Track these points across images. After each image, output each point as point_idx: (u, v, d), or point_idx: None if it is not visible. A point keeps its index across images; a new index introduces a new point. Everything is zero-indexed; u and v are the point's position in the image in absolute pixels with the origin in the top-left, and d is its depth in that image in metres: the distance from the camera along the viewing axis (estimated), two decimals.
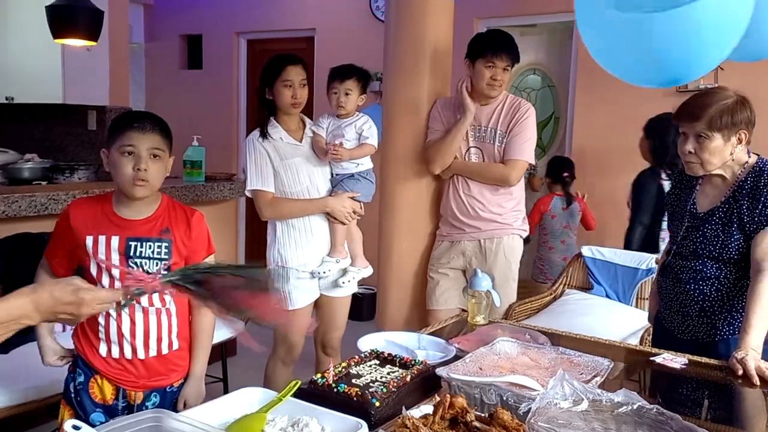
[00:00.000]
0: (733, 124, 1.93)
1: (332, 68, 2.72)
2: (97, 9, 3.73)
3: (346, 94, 2.65)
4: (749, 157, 2.01)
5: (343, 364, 1.55)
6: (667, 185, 3.33)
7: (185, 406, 1.84)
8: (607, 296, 3.15)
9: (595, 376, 1.50)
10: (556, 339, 2.00)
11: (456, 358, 1.69)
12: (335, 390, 1.40)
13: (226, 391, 2.92)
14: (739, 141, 1.96)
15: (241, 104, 5.87)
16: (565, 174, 4.01)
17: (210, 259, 1.94)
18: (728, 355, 1.84)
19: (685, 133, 1.98)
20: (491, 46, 2.75)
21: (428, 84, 3.01)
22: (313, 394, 1.41)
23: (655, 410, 1.15)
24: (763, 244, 1.90)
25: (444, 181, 2.99)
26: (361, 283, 2.88)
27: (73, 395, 1.82)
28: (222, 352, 3.05)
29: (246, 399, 1.40)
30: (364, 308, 4.58)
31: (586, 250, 3.28)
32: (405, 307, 3.11)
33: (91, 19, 3.70)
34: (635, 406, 1.16)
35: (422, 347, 1.85)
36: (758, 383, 1.67)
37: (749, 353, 1.74)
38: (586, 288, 3.24)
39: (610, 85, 3.96)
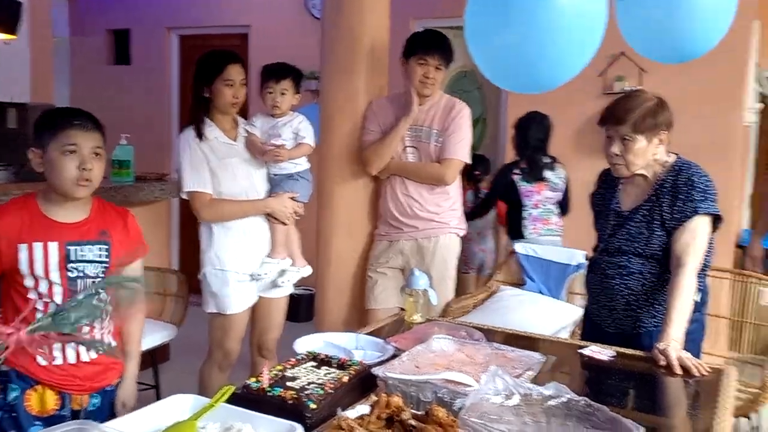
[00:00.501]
0: (655, 126, 2.01)
1: (266, 67, 2.69)
2: (14, 0, 3.56)
3: (282, 93, 2.62)
4: (669, 156, 2.10)
5: (279, 367, 1.53)
6: (518, 179, 3.64)
7: (124, 407, 1.84)
8: (540, 292, 3.23)
9: (527, 370, 1.54)
10: (491, 335, 2.03)
11: (393, 357, 1.69)
12: (270, 394, 1.38)
13: (158, 399, 2.83)
14: (660, 142, 2.05)
15: (173, 102, 5.72)
16: (477, 172, 4.23)
17: (139, 264, 1.90)
18: (652, 346, 1.93)
19: (611, 136, 2.05)
20: (424, 45, 2.78)
21: (365, 83, 3.01)
22: (247, 398, 1.38)
23: (583, 402, 1.18)
24: (682, 240, 1.99)
25: (382, 180, 2.99)
26: (299, 283, 2.86)
27: (1, 415, 1.72)
28: (152, 359, 2.96)
29: (177, 406, 1.36)
30: (302, 309, 4.54)
31: (519, 247, 3.36)
32: (344, 307, 3.10)
33: (7, 11, 3.52)
34: (565, 399, 1.20)
35: (360, 347, 1.85)
36: (680, 372, 1.75)
37: (671, 344, 1.82)
38: (520, 284, 3.31)
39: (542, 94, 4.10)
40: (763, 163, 4.91)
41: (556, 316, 2.96)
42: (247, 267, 2.63)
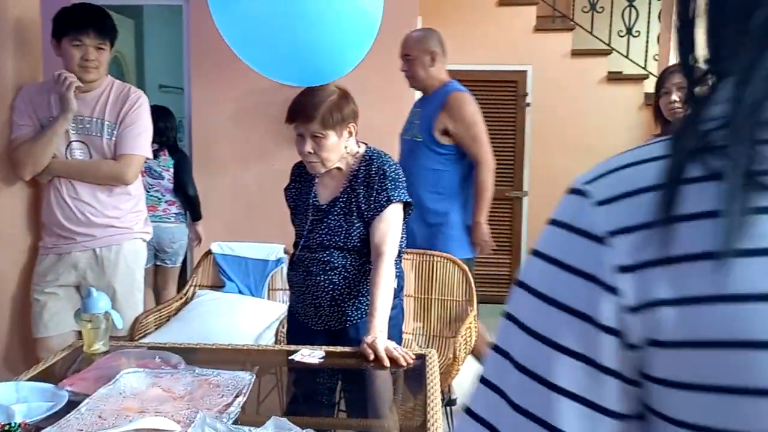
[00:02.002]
0: (342, 119, 1.98)
1: None
2: None
3: None
4: (359, 147, 2.09)
5: None
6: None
7: None
8: (240, 292, 3.06)
9: (237, 396, 1.36)
10: (192, 355, 1.80)
11: (71, 405, 1.37)
12: None
13: None
14: (350, 134, 2.03)
15: None
16: None
17: None
18: (357, 338, 1.90)
19: (302, 133, 1.97)
20: (77, 22, 2.36)
21: (13, 67, 2.46)
22: None
23: None
24: (380, 230, 1.99)
25: (44, 183, 2.49)
26: None
27: None
28: None
29: None
30: None
31: (215, 247, 3.14)
32: (2, 339, 2.53)
33: None
34: None
35: (22, 399, 1.45)
36: (389, 365, 1.74)
37: (377, 336, 1.80)
38: (218, 286, 3.10)
39: (224, 81, 3.89)
40: None
41: (260, 315, 2.83)
42: None
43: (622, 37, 5.29)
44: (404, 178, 2.09)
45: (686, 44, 0.45)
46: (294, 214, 2.18)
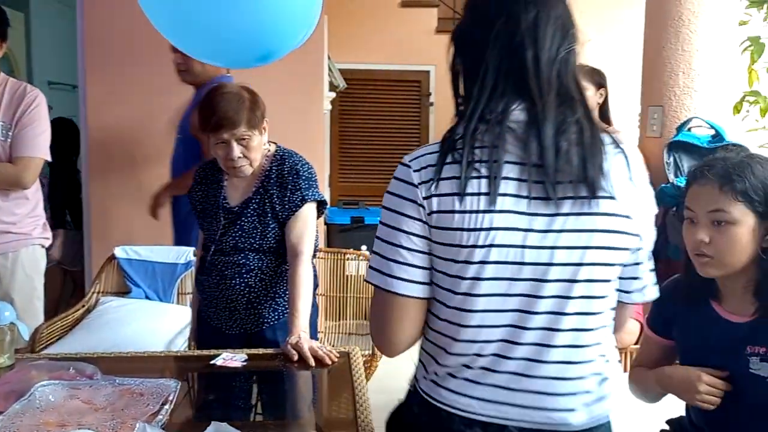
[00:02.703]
0: (262, 116, 1.99)
1: None
2: None
3: None
4: (270, 146, 2.08)
5: None
6: None
7: None
8: (147, 297, 2.96)
9: (164, 404, 1.33)
10: (107, 364, 1.73)
11: None
12: None
13: None
14: (265, 131, 2.02)
15: None
16: None
17: None
18: (275, 339, 1.91)
19: (226, 140, 1.93)
20: None
21: None
22: None
23: None
24: (296, 229, 2.00)
25: None
26: None
27: None
28: None
29: None
30: None
31: (119, 251, 3.01)
32: None
33: None
34: None
35: None
36: (314, 364, 1.75)
37: (301, 336, 1.81)
38: (124, 292, 2.98)
39: (122, 80, 3.72)
40: (336, 146, 5.47)
41: (170, 321, 2.75)
42: None
43: None
44: (317, 177, 2.10)
45: (456, 93, 1.11)
46: (202, 218, 2.13)
